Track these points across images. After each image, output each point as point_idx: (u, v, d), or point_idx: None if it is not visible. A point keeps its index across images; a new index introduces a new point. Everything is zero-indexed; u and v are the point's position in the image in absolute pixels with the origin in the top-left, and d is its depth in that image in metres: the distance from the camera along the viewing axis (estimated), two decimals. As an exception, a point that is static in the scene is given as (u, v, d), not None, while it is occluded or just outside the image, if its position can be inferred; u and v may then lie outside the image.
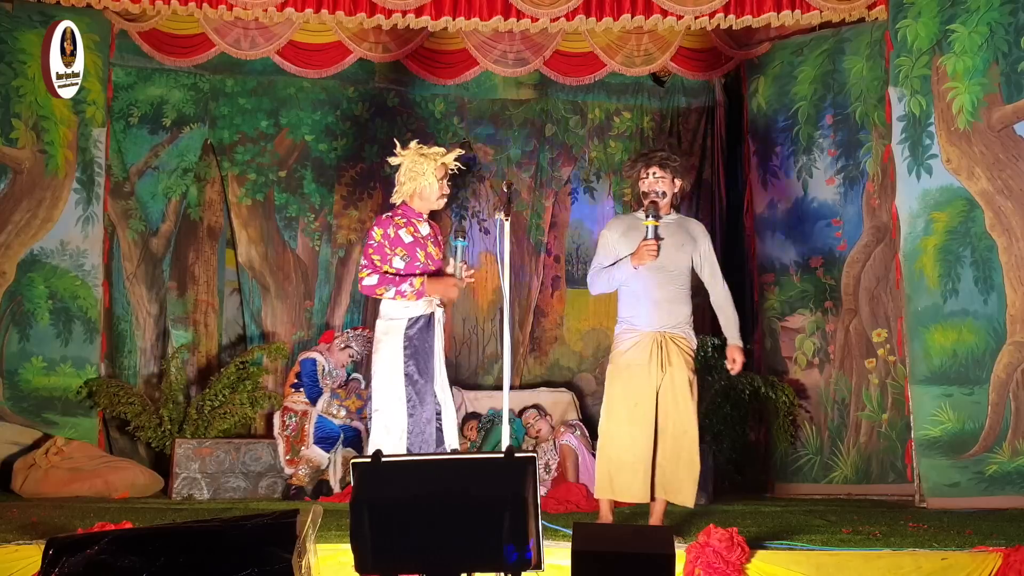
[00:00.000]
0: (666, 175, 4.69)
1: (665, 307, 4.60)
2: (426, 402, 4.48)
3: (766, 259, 7.61)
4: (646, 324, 4.60)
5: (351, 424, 6.99)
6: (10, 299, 6.94)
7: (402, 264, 4.59)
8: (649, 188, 4.69)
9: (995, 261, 6.16)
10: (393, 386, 4.49)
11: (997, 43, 6.22)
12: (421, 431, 4.45)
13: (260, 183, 8.13)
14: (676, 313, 4.62)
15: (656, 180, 4.69)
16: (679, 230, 4.71)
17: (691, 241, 4.71)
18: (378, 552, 2.91)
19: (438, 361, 4.58)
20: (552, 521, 4.48)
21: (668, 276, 4.61)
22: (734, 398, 7.18)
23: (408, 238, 4.63)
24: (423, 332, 4.53)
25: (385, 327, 4.59)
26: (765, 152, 7.70)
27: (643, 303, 4.62)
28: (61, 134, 7.12)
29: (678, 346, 4.59)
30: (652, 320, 4.60)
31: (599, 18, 6.99)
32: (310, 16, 6.99)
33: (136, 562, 2.85)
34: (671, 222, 4.71)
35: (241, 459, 6.78)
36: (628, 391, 4.58)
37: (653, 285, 4.61)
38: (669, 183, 4.70)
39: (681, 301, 4.65)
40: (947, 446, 6.10)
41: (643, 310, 4.62)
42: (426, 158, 4.66)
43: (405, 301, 4.55)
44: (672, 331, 4.60)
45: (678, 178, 4.74)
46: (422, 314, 4.54)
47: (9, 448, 6.67)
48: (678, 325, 4.62)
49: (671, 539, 3.27)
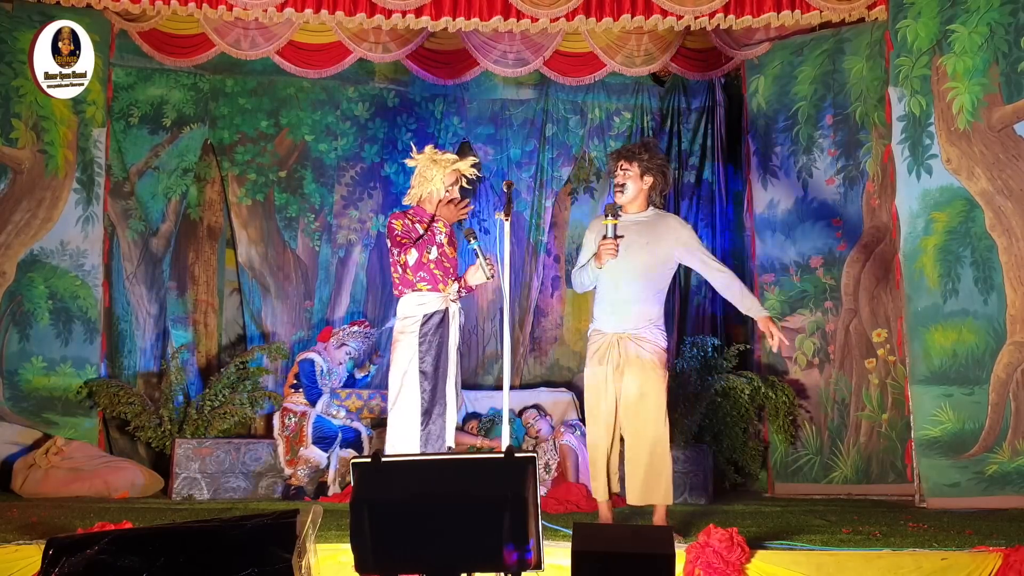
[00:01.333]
0: (631, 168, 4.61)
1: (623, 308, 4.54)
2: (438, 399, 4.54)
3: (766, 259, 7.61)
4: (607, 325, 4.59)
5: (350, 425, 6.99)
6: (10, 299, 6.94)
7: (413, 260, 4.66)
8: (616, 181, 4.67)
9: (995, 261, 6.16)
10: (409, 382, 4.60)
11: (997, 43, 6.22)
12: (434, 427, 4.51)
13: (260, 183, 8.13)
14: (638, 313, 4.54)
15: (621, 173, 4.64)
16: (649, 228, 4.61)
17: (664, 238, 4.60)
18: (378, 552, 2.91)
19: (452, 358, 4.62)
20: (552, 521, 4.49)
21: (631, 276, 4.53)
22: (734, 398, 7.18)
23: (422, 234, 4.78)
24: (438, 328, 4.60)
25: (401, 326, 4.72)
26: (765, 152, 7.70)
27: (605, 303, 4.62)
28: (61, 134, 7.13)
29: (638, 346, 4.52)
30: (612, 321, 4.57)
31: (599, 18, 6.99)
32: (310, 16, 6.99)
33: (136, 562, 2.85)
34: (643, 220, 4.63)
35: (241, 459, 6.78)
36: (592, 392, 4.61)
37: (613, 286, 4.57)
38: (635, 177, 4.61)
39: (646, 301, 4.55)
40: (947, 446, 6.10)
41: (605, 310, 4.61)
42: (437, 164, 4.75)
43: (411, 297, 4.61)
44: (633, 331, 4.53)
45: (649, 174, 4.62)
46: (437, 310, 4.62)
47: (9, 448, 6.68)
48: (640, 326, 4.53)
49: (671, 539, 3.27)
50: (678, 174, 8.46)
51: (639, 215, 4.66)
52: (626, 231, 4.57)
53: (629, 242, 4.54)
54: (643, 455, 4.49)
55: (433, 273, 4.67)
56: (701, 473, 6.75)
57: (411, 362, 4.61)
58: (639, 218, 4.64)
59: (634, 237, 4.56)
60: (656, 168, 4.65)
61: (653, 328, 4.57)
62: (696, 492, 6.70)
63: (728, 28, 7.28)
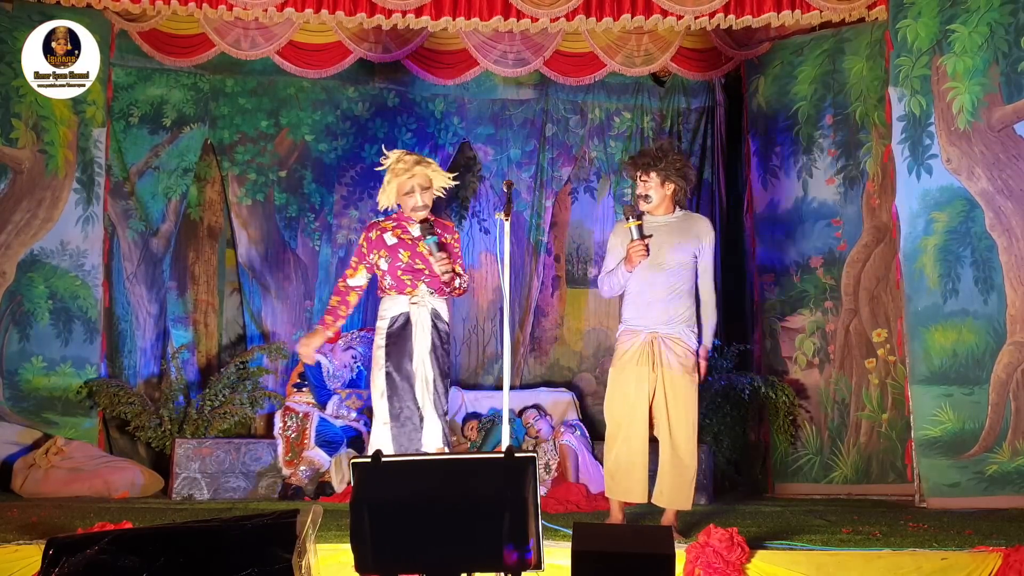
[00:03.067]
0: (650, 178, 4.64)
1: (658, 307, 4.57)
2: (404, 400, 4.55)
3: (766, 259, 7.61)
4: (640, 324, 4.60)
5: (351, 425, 7.00)
6: (10, 299, 6.94)
7: (385, 265, 4.67)
8: (638, 192, 4.70)
9: (995, 261, 6.17)
10: (377, 381, 4.65)
11: (997, 43, 6.23)
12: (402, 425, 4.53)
13: (260, 183, 8.13)
14: (672, 313, 4.57)
15: (642, 184, 4.67)
16: (679, 228, 4.65)
17: (693, 238, 4.64)
18: (378, 552, 2.91)
19: (419, 364, 4.60)
20: (552, 521, 4.49)
21: (663, 276, 4.57)
22: (734, 398, 7.18)
23: (392, 240, 4.70)
24: (400, 331, 4.61)
25: (376, 326, 4.78)
26: (765, 152, 7.70)
27: (637, 304, 4.63)
28: (61, 134, 7.13)
29: (671, 348, 4.55)
30: (645, 320, 4.59)
31: (599, 18, 6.99)
32: (310, 16, 6.98)
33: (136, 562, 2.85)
34: (673, 221, 4.67)
35: (241, 459, 6.78)
36: (624, 393, 4.59)
37: (646, 286, 4.59)
38: (656, 187, 4.63)
39: (678, 301, 4.58)
40: (947, 446, 6.10)
41: (637, 311, 4.63)
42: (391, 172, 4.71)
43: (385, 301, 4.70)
44: (666, 331, 4.55)
45: (669, 181, 4.63)
46: (399, 312, 4.63)
47: (9, 448, 6.67)
48: (673, 325, 4.56)
49: (671, 539, 3.27)
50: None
51: (666, 217, 4.68)
52: (655, 232, 4.61)
53: (660, 242, 4.58)
54: (673, 459, 4.53)
55: (400, 279, 4.67)
56: (701, 473, 6.74)
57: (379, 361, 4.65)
58: (667, 219, 4.67)
59: (664, 237, 4.60)
60: (676, 173, 4.65)
61: (686, 329, 4.59)
62: (696, 492, 6.64)
63: (728, 28, 7.28)
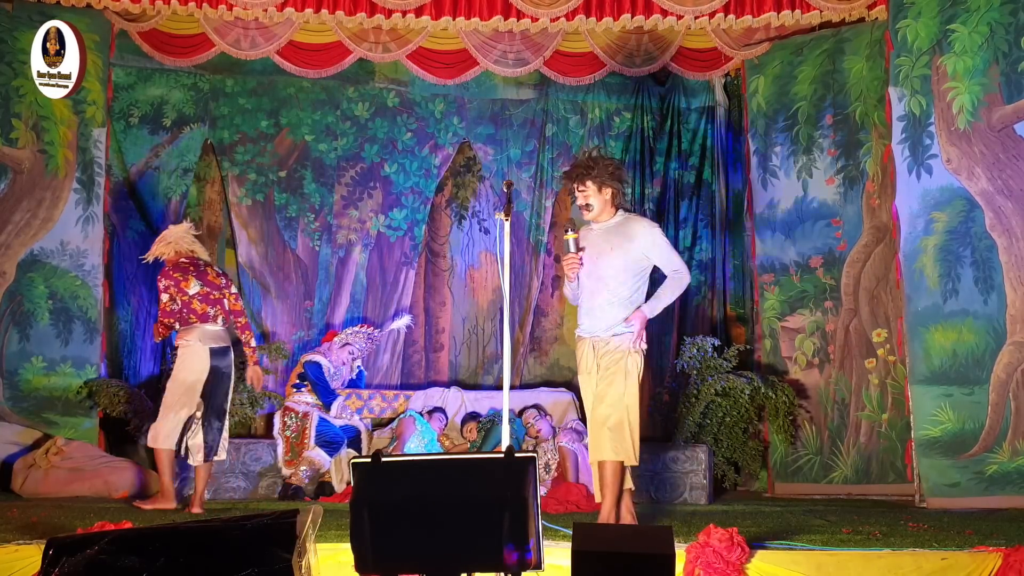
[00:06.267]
0: (586, 187, 4.67)
1: (597, 313, 4.64)
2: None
3: (766, 259, 7.61)
4: (585, 332, 4.70)
5: (351, 423, 7.00)
6: (10, 299, 6.94)
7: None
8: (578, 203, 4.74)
9: (995, 261, 6.17)
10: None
11: (997, 43, 6.23)
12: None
13: (260, 183, 8.13)
14: (610, 317, 4.61)
15: (580, 194, 4.71)
16: (614, 233, 4.68)
17: (633, 239, 4.64)
18: (378, 552, 2.91)
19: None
20: (552, 521, 4.48)
21: (600, 282, 4.63)
22: (734, 398, 7.17)
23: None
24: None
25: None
26: (765, 152, 7.69)
27: (583, 311, 4.73)
28: (61, 134, 7.13)
29: (608, 347, 4.59)
30: (587, 326, 4.69)
31: (599, 18, 6.99)
32: (310, 16, 6.99)
33: (136, 562, 2.85)
34: (611, 225, 4.70)
35: (241, 459, 6.77)
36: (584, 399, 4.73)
37: (588, 295, 4.69)
38: (594, 193, 4.66)
39: (617, 304, 4.61)
40: (947, 446, 6.10)
41: (583, 318, 4.72)
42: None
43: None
44: (605, 335, 4.61)
45: (605, 186, 4.65)
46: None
47: (9, 448, 6.67)
48: (612, 327, 4.60)
49: (671, 539, 3.27)
50: (678, 174, 8.46)
51: (607, 222, 4.73)
52: (594, 240, 4.68)
53: (598, 251, 4.65)
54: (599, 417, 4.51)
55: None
56: (701, 473, 6.75)
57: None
58: (607, 225, 4.72)
59: (601, 245, 4.66)
60: (609, 176, 4.69)
61: (624, 330, 4.61)
62: (696, 492, 6.70)
63: (728, 28, 7.28)
